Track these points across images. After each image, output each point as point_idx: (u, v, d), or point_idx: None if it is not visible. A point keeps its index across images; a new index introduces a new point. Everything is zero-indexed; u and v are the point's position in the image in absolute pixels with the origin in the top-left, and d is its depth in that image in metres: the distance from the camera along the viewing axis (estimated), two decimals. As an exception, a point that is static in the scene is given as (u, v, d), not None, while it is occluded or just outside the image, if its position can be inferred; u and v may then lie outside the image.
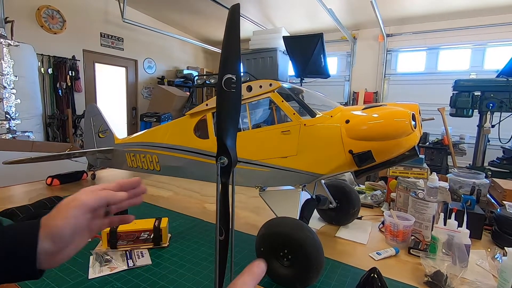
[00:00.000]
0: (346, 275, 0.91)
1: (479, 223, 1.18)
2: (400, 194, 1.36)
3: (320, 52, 3.44)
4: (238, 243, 1.08)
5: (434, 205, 1.14)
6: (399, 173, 1.48)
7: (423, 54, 4.50)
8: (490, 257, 1.02)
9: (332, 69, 4.33)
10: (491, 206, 1.35)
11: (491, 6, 3.67)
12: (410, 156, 0.92)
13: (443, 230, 1.00)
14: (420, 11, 4.01)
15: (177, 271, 0.91)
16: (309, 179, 0.98)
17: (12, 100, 3.29)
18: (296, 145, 0.97)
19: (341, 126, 0.91)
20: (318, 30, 4.35)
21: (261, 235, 0.87)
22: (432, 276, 0.86)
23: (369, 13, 3.78)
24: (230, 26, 0.50)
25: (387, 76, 4.75)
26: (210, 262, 0.96)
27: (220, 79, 0.53)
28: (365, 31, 4.82)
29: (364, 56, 4.89)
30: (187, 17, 5.14)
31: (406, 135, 0.85)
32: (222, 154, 0.55)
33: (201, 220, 1.33)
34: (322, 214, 1.33)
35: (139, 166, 1.48)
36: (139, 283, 0.84)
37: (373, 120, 0.89)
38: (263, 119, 1.45)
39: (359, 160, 0.89)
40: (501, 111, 2.12)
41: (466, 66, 4.21)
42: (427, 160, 3.31)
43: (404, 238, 1.10)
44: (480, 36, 4.01)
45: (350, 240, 1.17)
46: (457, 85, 2.25)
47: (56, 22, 4.12)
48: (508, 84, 2.04)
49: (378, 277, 0.76)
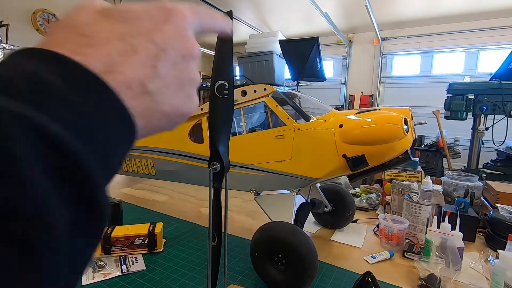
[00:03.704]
0: (341, 279, 0.91)
1: (472, 226, 1.18)
2: (395, 197, 1.37)
3: (316, 56, 3.47)
4: (233, 248, 1.08)
5: (428, 208, 1.15)
6: (393, 176, 1.49)
7: (418, 57, 4.54)
8: (483, 259, 1.03)
9: (328, 73, 4.36)
10: (484, 209, 1.36)
11: (484, 11, 3.73)
12: (403, 160, 0.93)
13: (437, 233, 1.01)
14: (414, 15, 4.05)
15: (171, 277, 0.90)
16: (303, 183, 0.98)
17: (7, 104, 3.27)
18: (291, 149, 0.97)
19: (335, 130, 0.92)
20: (314, 34, 4.38)
21: (256, 240, 0.87)
22: (426, 279, 0.87)
23: (364, 17, 3.81)
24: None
25: (383, 79, 4.78)
26: (205, 267, 0.96)
27: (213, 85, 0.54)
28: (360, 35, 4.86)
29: (360, 59, 4.93)
30: (183, 20, 5.15)
31: (399, 139, 0.86)
32: (214, 160, 0.55)
33: (196, 224, 1.32)
34: (318, 218, 1.33)
35: (134, 171, 1.47)
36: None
37: (366, 125, 0.90)
38: (259, 123, 1.46)
39: (353, 164, 0.90)
40: (494, 114, 2.14)
41: (460, 70, 4.26)
42: (422, 162, 3.33)
43: (398, 242, 1.10)
44: (473, 40, 4.06)
45: (345, 243, 1.17)
46: (451, 88, 2.27)
47: (52, 25, 4.11)
48: (501, 87, 2.06)
49: (372, 280, 0.76)
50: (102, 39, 0.17)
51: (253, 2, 4.16)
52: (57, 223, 0.12)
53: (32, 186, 0.11)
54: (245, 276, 0.92)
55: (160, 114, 0.19)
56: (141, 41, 0.18)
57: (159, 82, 0.18)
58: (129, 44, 0.17)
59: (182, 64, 0.20)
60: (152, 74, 0.18)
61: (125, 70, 0.17)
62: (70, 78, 0.14)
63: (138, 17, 0.18)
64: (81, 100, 0.14)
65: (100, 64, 0.16)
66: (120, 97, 0.16)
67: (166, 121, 0.20)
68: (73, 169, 0.13)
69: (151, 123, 0.19)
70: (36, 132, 0.12)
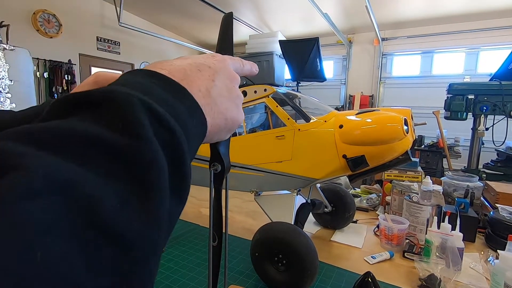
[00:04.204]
0: (341, 280, 0.91)
1: (472, 226, 1.18)
2: (395, 197, 1.37)
3: (316, 56, 3.47)
4: (234, 248, 1.08)
5: (428, 209, 1.15)
6: (394, 177, 1.49)
7: (418, 57, 4.55)
8: (483, 260, 1.03)
9: (328, 73, 4.36)
10: (484, 209, 1.36)
11: (484, 11, 3.73)
12: (403, 160, 0.93)
13: (437, 233, 1.01)
14: (414, 15, 4.06)
15: (171, 277, 0.90)
16: (304, 184, 0.98)
17: (7, 104, 3.27)
18: (291, 149, 0.97)
19: (335, 131, 0.92)
20: (314, 34, 4.38)
21: (256, 240, 0.87)
22: (426, 279, 0.87)
23: (364, 18, 3.82)
24: (223, 35, 0.50)
25: (383, 79, 4.78)
26: (205, 267, 0.96)
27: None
28: (360, 35, 4.86)
29: (360, 59, 4.93)
30: (183, 20, 5.15)
31: (399, 140, 0.86)
32: (215, 161, 0.55)
33: (196, 225, 1.32)
34: (318, 218, 1.34)
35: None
36: (133, 290, 0.84)
37: (366, 125, 0.90)
38: (259, 123, 1.46)
39: (353, 165, 0.90)
40: (494, 114, 2.14)
41: (460, 70, 4.26)
42: (422, 163, 3.33)
43: (398, 242, 1.10)
44: (473, 40, 4.06)
45: (345, 244, 1.17)
46: (451, 88, 2.27)
47: (52, 26, 4.11)
48: (501, 87, 2.06)
49: (373, 281, 0.76)
50: (177, 63, 0.25)
51: (253, 3, 4.17)
52: (164, 169, 0.17)
53: (151, 141, 0.16)
54: (245, 276, 0.92)
55: (221, 115, 0.26)
56: (203, 66, 0.26)
57: (216, 90, 0.26)
58: (195, 66, 0.25)
59: (229, 84, 0.28)
60: (212, 84, 0.26)
61: (195, 79, 0.24)
62: (161, 83, 0.21)
63: (196, 57, 0.27)
64: (171, 97, 0.21)
65: (179, 75, 0.23)
66: (193, 95, 0.23)
67: (225, 122, 0.27)
68: (172, 139, 0.18)
69: (214, 121, 0.26)
70: (151, 112, 0.18)
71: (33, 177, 0.12)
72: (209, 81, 0.26)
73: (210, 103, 0.25)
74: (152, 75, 0.22)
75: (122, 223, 0.14)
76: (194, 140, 0.22)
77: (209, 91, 0.25)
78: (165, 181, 0.17)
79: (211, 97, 0.25)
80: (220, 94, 0.26)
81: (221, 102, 0.27)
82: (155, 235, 0.16)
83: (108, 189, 0.14)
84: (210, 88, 0.25)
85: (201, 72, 0.25)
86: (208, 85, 0.25)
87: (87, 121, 0.16)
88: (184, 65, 0.25)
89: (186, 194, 0.20)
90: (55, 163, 0.13)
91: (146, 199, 0.16)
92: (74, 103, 0.17)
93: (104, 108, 0.16)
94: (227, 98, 0.27)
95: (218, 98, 0.26)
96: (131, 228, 0.14)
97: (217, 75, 0.27)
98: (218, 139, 0.30)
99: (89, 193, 0.13)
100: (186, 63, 0.25)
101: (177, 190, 0.18)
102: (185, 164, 0.19)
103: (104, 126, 0.16)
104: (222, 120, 0.27)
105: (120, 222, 0.14)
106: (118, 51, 5.03)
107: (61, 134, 0.15)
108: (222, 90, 0.27)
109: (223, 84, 0.27)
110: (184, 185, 0.19)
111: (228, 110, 0.27)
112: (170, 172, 0.17)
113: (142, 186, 0.16)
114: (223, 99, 0.27)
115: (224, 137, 0.30)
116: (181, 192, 0.19)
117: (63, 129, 0.15)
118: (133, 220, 0.15)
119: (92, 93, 0.17)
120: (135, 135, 0.16)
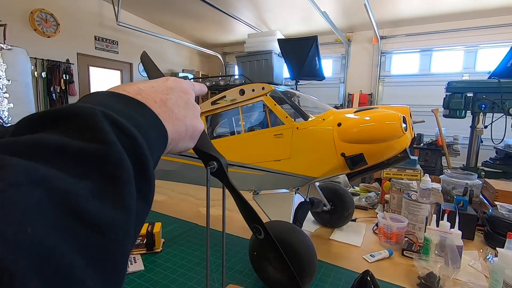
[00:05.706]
0: (340, 278, 0.91)
1: (471, 224, 1.18)
2: (394, 195, 1.37)
3: (314, 55, 3.46)
4: (232, 247, 1.08)
5: (427, 207, 1.15)
6: (393, 175, 1.49)
7: (417, 56, 4.54)
8: (482, 258, 1.03)
9: (327, 71, 4.35)
10: (483, 207, 1.36)
11: (483, 9, 3.73)
12: (401, 159, 0.92)
13: (436, 231, 1.01)
14: (413, 13, 4.05)
15: (170, 277, 0.90)
16: (302, 182, 0.98)
17: (5, 104, 3.26)
18: (289, 148, 0.97)
19: (333, 129, 0.92)
20: (312, 32, 4.38)
21: (254, 239, 0.87)
22: (425, 277, 0.87)
23: (363, 16, 3.81)
24: (150, 70, 0.52)
25: (382, 77, 4.78)
26: (203, 267, 0.96)
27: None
28: (359, 33, 4.86)
29: (359, 58, 4.92)
30: (182, 20, 5.14)
31: (397, 138, 0.85)
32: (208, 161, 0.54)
33: (195, 224, 1.32)
34: (317, 217, 1.33)
35: (132, 170, 1.47)
36: (131, 289, 0.84)
37: (365, 123, 0.89)
38: (257, 122, 1.45)
39: (352, 163, 0.89)
40: (493, 112, 2.14)
41: (459, 68, 4.26)
42: (421, 161, 3.33)
43: (397, 240, 1.10)
44: (472, 38, 4.06)
45: (344, 242, 1.17)
46: (450, 86, 2.27)
47: (50, 25, 4.09)
48: (500, 85, 2.06)
49: (371, 279, 0.76)
50: (133, 85, 0.28)
51: (252, 1, 4.15)
52: (129, 167, 0.19)
53: (115, 144, 0.19)
54: (244, 275, 0.92)
55: (180, 122, 0.29)
56: (156, 84, 0.30)
57: (172, 101, 0.29)
58: (149, 86, 0.29)
59: (184, 96, 0.32)
60: (167, 97, 0.29)
61: (149, 94, 0.28)
62: (119, 100, 0.25)
63: (152, 81, 0.31)
64: (128, 109, 0.24)
65: (133, 92, 0.27)
66: (149, 106, 0.26)
67: (185, 129, 0.30)
68: (133, 144, 0.21)
69: (174, 127, 0.29)
70: (112, 122, 0.20)
71: (18, 172, 0.15)
72: (163, 94, 0.29)
73: (166, 111, 0.28)
74: (111, 95, 0.25)
75: (96, 209, 0.16)
76: (156, 144, 0.25)
77: (165, 102, 0.29)
78: (131, 177, 0.19)
79: (167, 107, 0.28)
80: (176, 104, 0.30)
81: (179, 111, 0.30)
82: (126, 220, 0.18)
83: (80, 184, 0.17)
84: (166, 100, 0.29)
85: (154, 88, 0.29)
86: (163, 97, 0.29)
87: (55, 134, 0.18)
88: (139, 85, 0.28)
89: (152, 194, 0.22)
90: (33, 164, 0.16)
91: (116, 191, 0.18)
92: (42, 120, 0.19)
93: (71, 121, 0.19)
94: (184, 108, 0.31)
95: (175, 107, 0.29)
96: (105, 214, 0.17)
97: (170, 90, 0.30)
98: (185, 147, 0.33)
99: (63, 187, 0.16)
100: (141, 85, 0.29)
101: (142, 190, 0.20)
102: (148, 165, 0.22)
103: (73, 135, 0.18)
104: (182, 127, 0.30)
105: (93, 208, 0.16)
106: (116, 50, 5.02)
107: (33, 145, 0.17)
108: (178, 100, 0.30)
109: (178, 96, 0.31)
110: (148, 185, 0.21)
111: (187, 117, 0.31)
112: (134, 172, 0.20)
113: (111, 180, 0.18)
114: (180, 108, 0.30)
115: (189, 145, 0.33)
116: (147, 192, 0.21)
117: (34, 141, 0.17)
118: (106, 207, 0.17)
119: (59, 110, 0.20)
120: (101, 140, 0.19)
